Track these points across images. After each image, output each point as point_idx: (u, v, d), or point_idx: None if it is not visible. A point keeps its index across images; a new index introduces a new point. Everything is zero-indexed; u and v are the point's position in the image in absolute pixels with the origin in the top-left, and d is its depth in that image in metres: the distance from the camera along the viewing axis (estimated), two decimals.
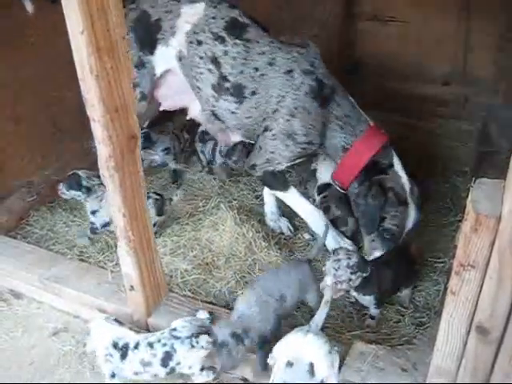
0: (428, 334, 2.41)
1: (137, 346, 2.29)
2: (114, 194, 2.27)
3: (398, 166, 2.87)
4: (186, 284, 2.88)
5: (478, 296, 1.68)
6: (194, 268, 2.97)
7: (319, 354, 2.13)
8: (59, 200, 3.60)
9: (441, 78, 4.47)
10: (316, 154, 3.16)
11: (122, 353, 2.28)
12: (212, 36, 2.98)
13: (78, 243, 3.23)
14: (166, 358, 2.25)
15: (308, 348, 2.15)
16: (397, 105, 4.26)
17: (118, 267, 2.67)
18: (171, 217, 3.39)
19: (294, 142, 2.92)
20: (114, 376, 2.32)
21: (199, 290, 2.85)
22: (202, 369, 2.30)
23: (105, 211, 3.13)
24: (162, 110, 3.45)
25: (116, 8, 1.97)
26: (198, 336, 2.27)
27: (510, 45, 3.97)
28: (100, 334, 2.35)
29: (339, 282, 2.42)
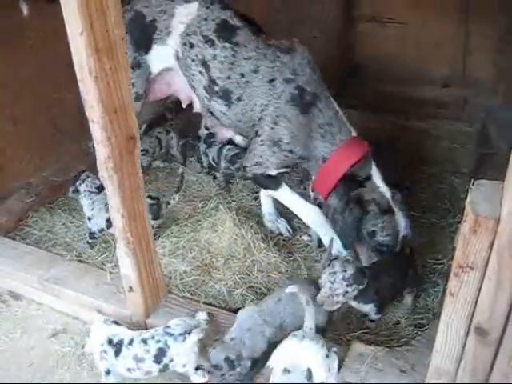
0: (427, 336, 2.40)
1: (131, 342, 2.31)
2: (113, 194, 2.27)
3: (376, 177, 2.84)
4: (184, 285, 2.87)
5: (477, 297, 1.67)
6: (192, 269, 2.97)
7: (316, 359, 2.13)
8: (58, 201, 3.62)
9: (440, 80, 4.48)
10: (302, 163, 3.07)
11: (116, 349, 2.30)
12: (203, 39, 3.01)
13: (77, 247, 3.22)
14: (160, 355, 2.27)
15: (305, 354, 2.15)
16: (396, 107, 4.26)
17: (117, 268, 2.67)
18: (170, 218, 3.38)
19: (279, 149, 2.93)
20: (108, 373, 2.33)
21: (198, 291, 2.84)
22: (197, 368, 2.30)
23: (98, 218, 3.12)
24: (185, 106, 3.51)
25: (115, 9, 1.98)
26: (191, 332, 2.29)
27: (508, 47, 3.98)
28: (97, 332, 2.37)
29: (335, 295, 2.39)
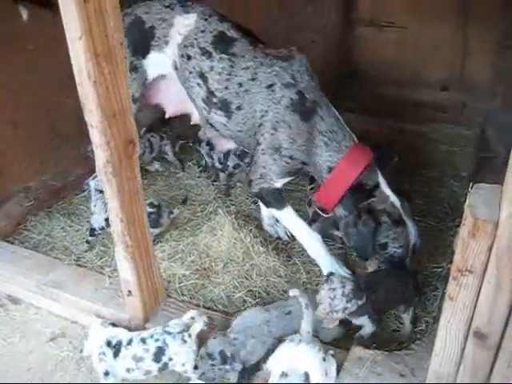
0: (426, 340, 2.40)
1: (130, 342, 2.32)
2: (112, 199, 2.27)
3: (383, 185, 2.79)
4: (183, 289, 2.87)
5: (476, 301, 1.68)
6: (191, 273, 2.96)
7: (313, 363, 2.14)
8: (57, 205, 3.62)
9: (438, 84, 4.49)
10: (306, 168, 3.00)
11: (115, 350, 2.30)
12: (200, 51, 3.00)
13: (75, 251, 3.22)
14: (159, 353, 2.28)
15: (301, 358, 2.15)
16: (394, 110, 4.27)
17: (116, 272, 2.67)
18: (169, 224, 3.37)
19: (279, 156, 2.88)
20: (107, 374, 2.33)
21: (197, 295, 2.84)
22: (196, 367, 2.30)
23: (100, 215, 3.13)
24: (167, 117, 3.47)
25: (114, 13, 1.98)
26: (189, 329, 2.30)
27: (506, 51, 3.99)
28: (95, 335, 2.37)
29: (335, 312, 2.38)
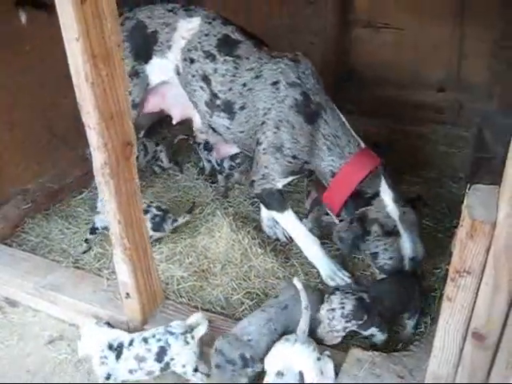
0: (425, 341, 2.40)
1: (131, 342, 2.32)
2: (110, 200, 2.26)
3: (385, 194, 2.72)
4: (182, 291, 2.86)
5: (474, 302, 1.68)
6: (190, 275, 2.96)
7: (308, 363, 2.15)
8: (55, 208, 3.61)
9: (435, 85, 4.49)
10: (307, 171, 3.01)
11: (117, 352, 2.30)
12: (204, 54, 2.98)
13: (73, 253, 3.21)
14: (161, 353, 2.28)
15: (296, 357, 2.16)
16: (392, 111, 4.27)
17: (114, 275, 2.67)
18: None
19: (282, 155, 2.85)
20: (108, 378, 2.32)
21: (195, 297, 2.83)
22: (196, 370, 2.31)
23: (104, 214, 3.12)
24: (175, 123, 3.46)
25: (111, 15, 1.98)
26: (192, 330, 2.31)
27: (503, 52, 3.99)
28: (93, 338, 2.36)
29: (335, 331, 2.39)
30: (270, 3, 4.54)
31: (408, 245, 2.65)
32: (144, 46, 3.10)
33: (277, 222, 3.27)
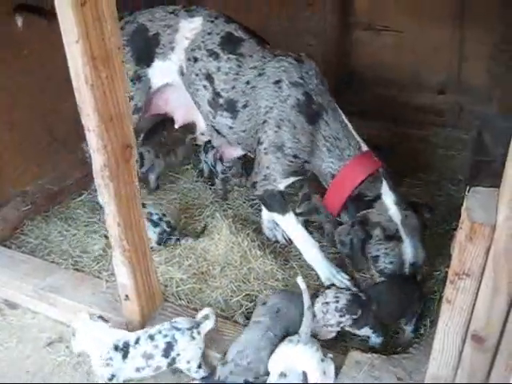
0: (424, 343, 2.40)
1: (137, 341, 2.31)
2: (109, 203, 2.26)
3: (386, 196, 2.71)
4: (181, 293, 2.86)
5: (474, 304, 1.68)
6: (189, 277, 2.96)
7: (311, 363, 2.15)
8: (54, 210, 3.61)
9: (435, 87, 4.49)
10: (309, 172, 2.99)
11: (124, 352, 2.29)
12: (207, 53, 2.98)
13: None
14: (168, 349, 2.28)
15: (299, 358, 2.17)
16: (392, 113, 4.27)
17: (113, 277, 2.67)
18: None
19: (282, 154, 2.84)
20: (112, 379, 2.31)
21: (194, 299, 2.83)
22: (200, 366, 2.32)
23: None
24: (178, 126, 3.44)
25: (111, 17, 1.98)
26: (199, 326, 2.31)
27: (503, 55, 3.99)
28: (88, 334, 2.34)
29: (329, 325, 2.39)
30: (270, 4, 4.55)
31: (409, 250, 2.64)
32: (146, 50, 3.09)
33: (277, 224, 3.26)
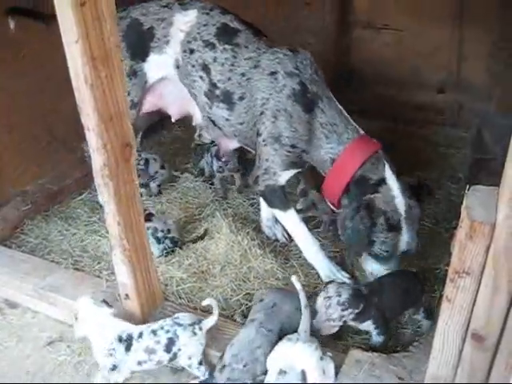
0: (424, 342, 2.40)
1: (141, 335, 2.32)
2: (109, 202, 2.26)
3: (391, 181, 2.68)
4: (181, 292, 2.86)
5: (474, 303, 1.68)
6: (189, 276, 2.96)
7: (310, 361, 2.15)
8: (54, 209, 3.61)
9: (435, 86, 4.49)
10: (308, 164, 2.99)
11: (127, 344, 2.30)
12: (203, 43, 2.98)
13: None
14: (170, 344, 2.29)
15: (299, 356, 2.16)
16: (391, 112, 4.28)
17: (114, 276, 2.67)
18: None
19: (280, 145, 2.84)
20: (114, 369, 2.32)
21: (195, 298, 2.83)
22: (201, 363, 2.32)
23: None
24: (174, 120, 3.45)
25: (110, 16, 1.98)
26: (200, 322, 2.32)
27: (502, 53, 4.00)
28: (91, 318, 2.36)
29: (331, 320, 2.38)
30: (267, 3, 4.55)
31: (406, 241, 2.68)
32: (140, 44, 3.10)
33: (277, 221, 3.26)
